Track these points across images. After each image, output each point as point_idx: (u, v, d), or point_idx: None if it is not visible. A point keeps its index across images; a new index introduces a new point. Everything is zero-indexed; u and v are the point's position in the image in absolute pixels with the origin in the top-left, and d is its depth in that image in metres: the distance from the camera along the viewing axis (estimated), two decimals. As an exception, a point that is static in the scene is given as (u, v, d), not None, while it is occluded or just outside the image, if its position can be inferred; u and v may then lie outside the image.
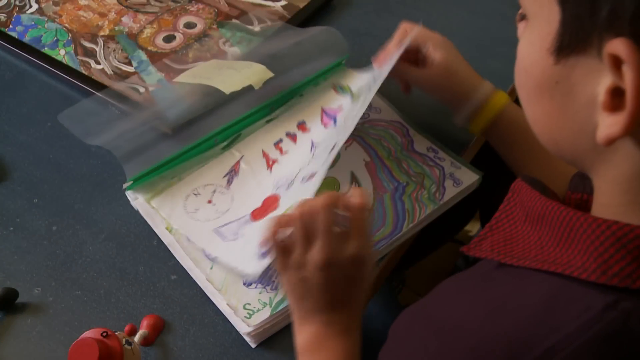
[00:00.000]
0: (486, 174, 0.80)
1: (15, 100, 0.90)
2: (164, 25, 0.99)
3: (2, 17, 1.00)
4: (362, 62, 0.93)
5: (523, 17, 0.45)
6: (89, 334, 0.61)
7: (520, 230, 0.50)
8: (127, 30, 0.98)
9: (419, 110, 0.87)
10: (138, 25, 0.99)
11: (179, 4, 1.02)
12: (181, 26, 0.99)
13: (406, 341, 0.52)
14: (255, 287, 0.69)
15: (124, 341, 0.62)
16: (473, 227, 1.44)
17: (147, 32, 0.98)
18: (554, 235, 0.45)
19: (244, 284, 0.70)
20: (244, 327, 0.67)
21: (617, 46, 0.37)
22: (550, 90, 0.43)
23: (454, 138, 0.83)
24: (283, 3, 1.02)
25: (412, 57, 0.79)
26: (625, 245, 0.40)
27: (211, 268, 0.71)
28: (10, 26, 0.99)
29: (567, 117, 0.43)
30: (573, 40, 0.40)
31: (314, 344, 0.61)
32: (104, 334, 0.61)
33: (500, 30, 0.99)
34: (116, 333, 0.62)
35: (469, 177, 0.78)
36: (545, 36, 0.41)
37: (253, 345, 0.67)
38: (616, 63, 0.37)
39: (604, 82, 0.38)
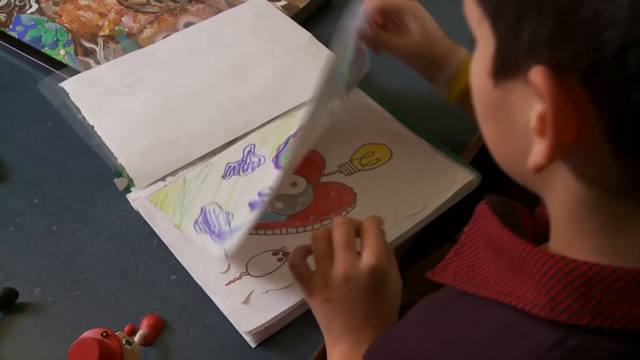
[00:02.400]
0: (486, 173, 0.80)
1: (15, 100, 0.90)
2: (164, 25, 0.99)
3: (2, 17, 1.00)
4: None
5: (473, 40, 0.44)
6: (89, 334, 0.61)
7: (483, 256, 0.49)
8: (127, 30, 0.98)
9: (419, 110, 0.87)
10: (138, 25, 0.99)
11: (179, 4, 1.02)
12: (181, 26, 0.99)
13: None
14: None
15: (124, 341, 0.62)
16: (473, 227, 1.43)
17: (147, 32, 0.98)
18: (510, 266, 0.44)
19: None
20: (243, 326, 0.67)
21: (534, 75, 0.36)
22: (494, 112, 0.42)
23: (453, 138, 0.83)
24: (283, 3, 1.02)
25: (390, 24, 0.79)
26: (572, 281, 0.40)
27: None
28: (10, 26, 0.99)
29: (510, 140, 0.42)
30: (505, 65, 0.39)
31: None
32: (104, 334, 0.61)
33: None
34: (116, 333, 0.62)
35: (465, 177, 0.78)
36: (485, 59, 0.41)
37: (253, 345, 0.67)
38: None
39: (536, 107, 0.37)
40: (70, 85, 0.87)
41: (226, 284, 0.70)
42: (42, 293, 0.71)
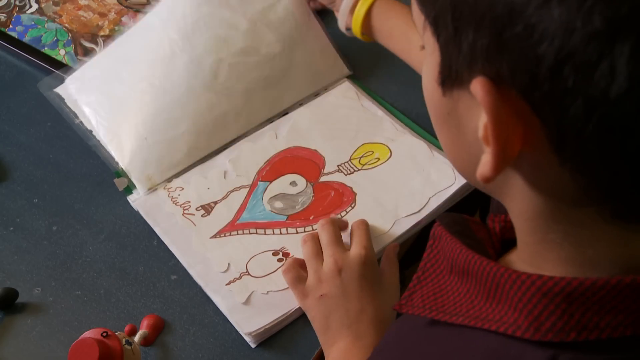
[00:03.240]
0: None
1: (15, 100, 0.90)
2: (164, 25, 0.99)
3: (2, 17, 1.00)
4: (362, 61, 0.93)
5: (422, 47, 0.43)
6: (89, 334, 0.61)
7: (448, 282, 0.47)
8: (127, 30, 0.98)
9: (419, 110, 0.87)
10: (138, 25, 0.99)
11: (179, 4, 1.02)
12: (181, 26, 0.99)
13: None
14: None
15: (124, 341, 0.62)
16: (473, 227, 1.43)
17: (147, 32, 0.98)
18: (482, 290, 0.43)
19: None
20: (244, 327, 0.67)
21: (474, 86, 0.35)
22: (445, 121, 0.42)
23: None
24: (283, 3, 1.01)
25: None
26: (552, 299, 0.39)
27: None
28: (10, 26, 0.98)
29: (464, 148, 0.41)
30: (450, 75, 0.38)
31: (343, 358, 0.62)
32: (104, 334, 0.61)
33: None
34: (116, 333, 0.62)
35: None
36: (434, 68, 0.40)
37: (253, 345, 0.67)
38: None
39: (482, 117, 0.36)
40: (65, 89, 0.87)
41: (226, 284, 0.70)
42: (42, 293, 0.71)
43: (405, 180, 0.78)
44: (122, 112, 0.83)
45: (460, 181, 0.77)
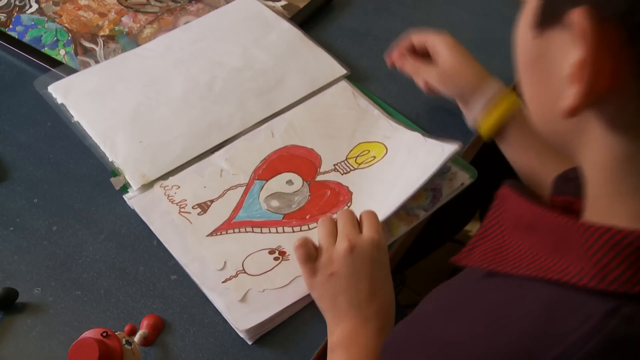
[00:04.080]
0: (486, 173, 0.80)
1: (15, 100, 0.90)
2: (164, 25, 0.99)
3: (2, 17, 1.00)
4: (361, 61, 0.93)
5: (520, 2, 0.46)
6: (89, 334, 0.61)
7: (510, 238, 0.49)
8: (127, 30, 0.98)
9: (418, 110, 0.87)
10: (138, 25, 0.99)
11: (179, 4, 1.02)
12: (181, 26, 0.99)
13: (405, 356, 0.51)
14: None
15: (124, 341, 0.62)
16: (473, 227, 1.43)
17: (147, 32, 0.98)
18: (547, 243, 0.44)
19: None
20: (240, 325, 0.67)
21: (575, 16, 0.37)
22: (533, 65, 0.44)
23: (454, 138, 0.83)
24: (283, 3, 1.02)
25: (423, 54, 0.83)
26: (621, 251, 0.40)
27: None
28: (10, 26, 0.99)
29: (547, 93, 0.43)
30: (547, 13, 0.41)
31: (349, 339, 0.63)
32: (104, 334, 0.61)
33: (500, 31, 0.99)
34: (116, 333, 0.62)
35: (461, 174, 0.78)
36: (529, 13, 0.42)
37: (250, 342, 0.67)
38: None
39: (573, 54, 0.38)
40: (58, 89, 0.87)
41: (222, 282, 0.70)
42: (42, 293, 0.71)
43: (400, 171, 0.77)
44: (115, 119, 0.84)
45: (448, 151, 0.75)
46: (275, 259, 0.72)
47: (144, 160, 0.80)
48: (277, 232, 0.74)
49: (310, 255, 0.67)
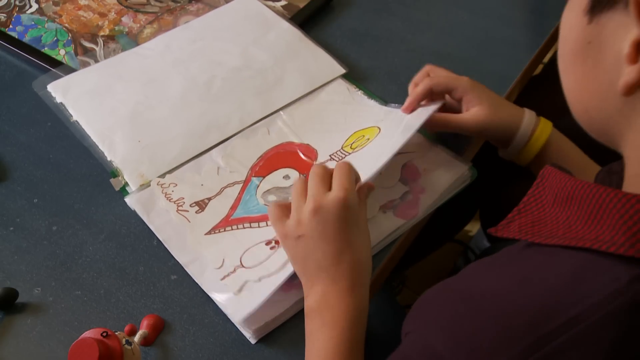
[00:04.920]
0: (486, 173, 0.80)
1: (15, 100, 0.90)
2: (164, 25, 0.99)
3: (2, 17, 1.00)
4: (362, 61, 0.93)
5: None
6: (89, 334, 0.61)
7: (549, 212, 0.50)
8: (127, 30, 0.98)
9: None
10: (138, 25, 0.99)
11: (179, 4, 1.02)
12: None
13: (433, 307, 0.52)
14: None
15: (124, 341, 0.62)
16: (473, 227, 1.43)
17: (147, 32, 0.98)
18: (583, 213, 0.46)
19: None
20: (237, 316, 0.67)
21: None
22: (583, 52, 0.45)
23: (453, 138, 0.83)
24: (283, 3, 1.02)
25: (441, 100, 0.79)
26: None
27: None
28: (10, 26, 0.99)
29: (597, 78, 0.44)
30: None
31: (320, 303, 0.62)
32: (104, 334, 0.61)
33: (500, 31, 0.99)
34: (116, 333, 0.62)
35: (459, 168, 0.78)
36: (580, 1, 0.44)
37: (253, 341, 0.67)
38: None
39: (631, 35, 0.39)
40: (57, 89, 0.87)
41: (221, 279, 0.70)
42: (42, 293, 0.71)
43: (390, 137, 0.77)
44: (113, 119, 0.84)
45: (432, 109, 0.76)
46: (272, 248, 0.72)
47: (142, 159, 0.80)
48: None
49: (282, 217, 0.66)
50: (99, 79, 0.89)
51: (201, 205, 0.77)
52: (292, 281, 0.70)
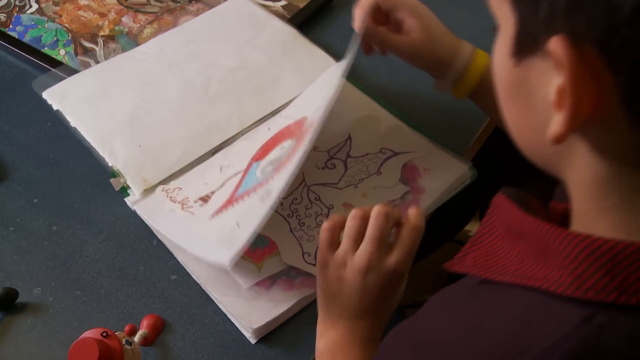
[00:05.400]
0: (486, 173, 0.80)
1: (15, 100, 0.90)
2: (164, 25, 0.99)
3: (2, 17, 1.00)
4: (361, 61, 0.93)
5: (495, 28, 0.45)
6: (89, 334, 0.61)
7: (501, 245, 0.49)
8: (127, 30, 0.98)
9: (418, 110, 0.87)
10: (138, 25, 0.99)
11: (179, 4, 1.02)
12: (181, 26, 0.99)
13: (391, 354, 0.52)
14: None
15: (124, 341, 0.62)
16: (473, 227, 1.43)
17: (147, 32, 0.98)
18: (532, 250, 0.45)
19: None
20: (252, 323, 0.67)
21: (553, 44, 0.37)
22: (514, 93, 0.43)
23: (453, 138, 0.83)
24: (283, 3, 1.02)
25: (384, 21, 0.77)
26: (598, 258, 0.40)
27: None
28: (10, 26, 0.98)
29: (531, 119, 0.43)
30: (525, 42, 0.40)
31: (334, 349, 0.62)
32: (104, 334, 0.61)
33: (500, 30, 0.99)
34: (116, 333, 0.62)
35: (459, 168, 0.78)
36: (507, 40, 0.42)
37: (253, 341, 0.67)
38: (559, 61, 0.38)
39: (555, 81, 0.38)
40: (53, 96, 0.86)
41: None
42: (42, 293, 0.71)
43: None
44: (112, 124, 0.83)
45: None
46: (262, 199, 0.70)
47: (144, 164, 0.80)
48: (273, 179, 0.73)
49: (333, 243, 0.63)
50: (94, 85, 0.88)
51: (205, 199, 0.77)
52: (293, 280, 0.70)
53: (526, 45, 0.40)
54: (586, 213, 0.44)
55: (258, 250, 0.72)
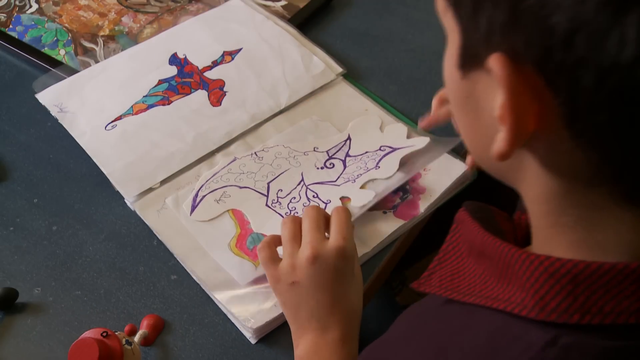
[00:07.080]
0: (487, 174, 0.80)
1: (15, 100, 0.90)
2: (164, 25, 0.99)
3: (2, 17, 1.00)
4: (362, 61, 0.93)
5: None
6: (89, 334, 0.61)
7: (466, 263, 0.49)
8: (127, 30, 0.98)
9: (419, 110, 0.87)
10: (138, 25, 0.99)
11: (179, 4, 1.02)
12: (181, 26, 0.99)
13: None
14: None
15: (124, 341, 0.62)
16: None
17: (147, 32, 0.98)
18: (495, 270, 0.44)
19: None
20: (253, 323, 0.67)
21: (492, 62, 0.36)
22: (465, 104, 0.42)
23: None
24: (283, 3, 1.02)
25: None
26: (558, 280, 0.40)
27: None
28: (10, 26, 0.99)
29: (481, 131, 0.42)
30: (469, 55, 0.39)
31: (310, 354, 0.61)
32: (104, 334, 0.61)
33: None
34: (116, 333, 0.62)
35: (459, 168, 0.78)
36: (454, 52, 0.41)
37: (253, 341, 0.67)
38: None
39: (499, 96, 0.37)
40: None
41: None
42: (42, 293, 0.71)
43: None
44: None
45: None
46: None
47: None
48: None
49: (274, 258, 0.64)
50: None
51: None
52: None
53: (470, 59, 0.39)
54: (544, 229, 0.43)
55: (255, 249, 0.72)
